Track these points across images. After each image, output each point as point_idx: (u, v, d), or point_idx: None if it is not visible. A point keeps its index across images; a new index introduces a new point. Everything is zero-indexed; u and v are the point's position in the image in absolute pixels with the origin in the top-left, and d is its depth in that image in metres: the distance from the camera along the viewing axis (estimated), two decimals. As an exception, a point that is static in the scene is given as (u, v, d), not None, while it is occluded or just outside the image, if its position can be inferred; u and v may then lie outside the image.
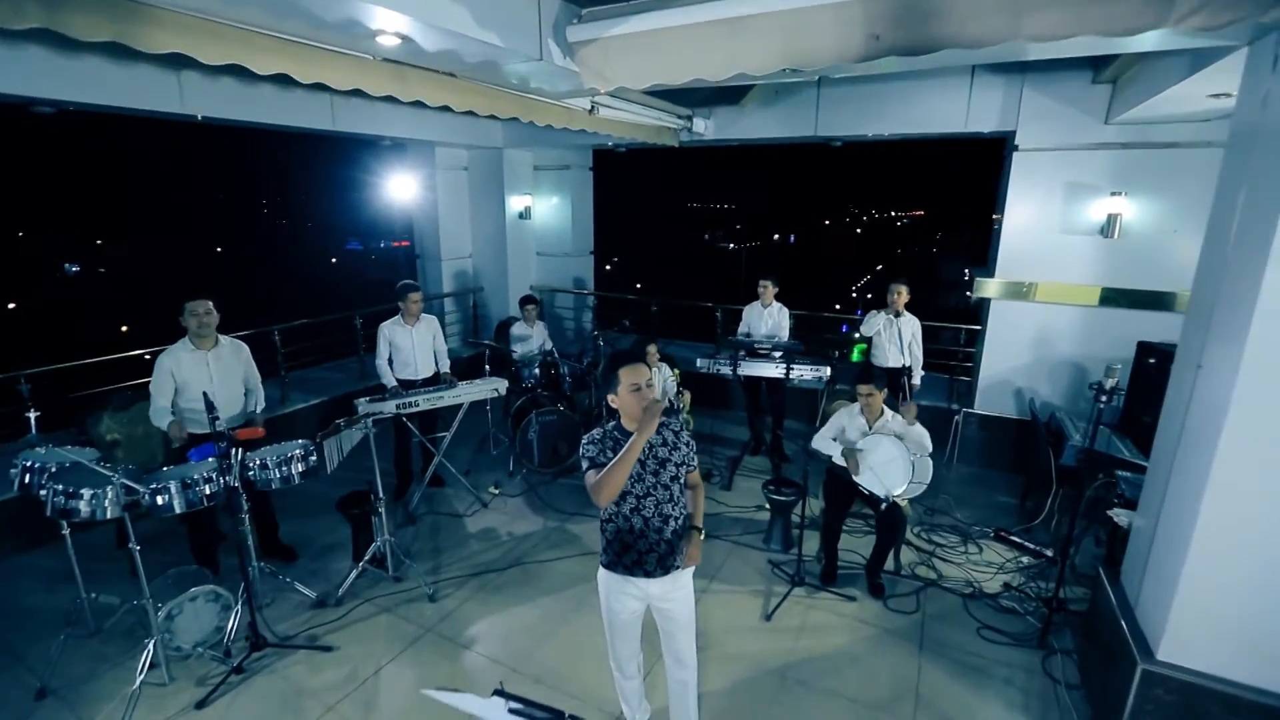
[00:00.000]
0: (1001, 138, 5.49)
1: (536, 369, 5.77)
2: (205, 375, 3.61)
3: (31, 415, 3.32)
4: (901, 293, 5.17)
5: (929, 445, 3.69)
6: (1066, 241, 5.14)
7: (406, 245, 8.82)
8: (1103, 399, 3.18)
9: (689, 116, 6.12)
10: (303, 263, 43.07)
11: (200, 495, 3.03)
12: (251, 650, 3.20)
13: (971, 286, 5.68)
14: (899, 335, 5.15)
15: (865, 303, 39.34)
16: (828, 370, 5.02)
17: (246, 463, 3.33)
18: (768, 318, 5.68)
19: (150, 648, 2.99)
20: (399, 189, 7.77)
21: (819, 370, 5.01)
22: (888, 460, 3.58)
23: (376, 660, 3.26)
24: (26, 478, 3.03)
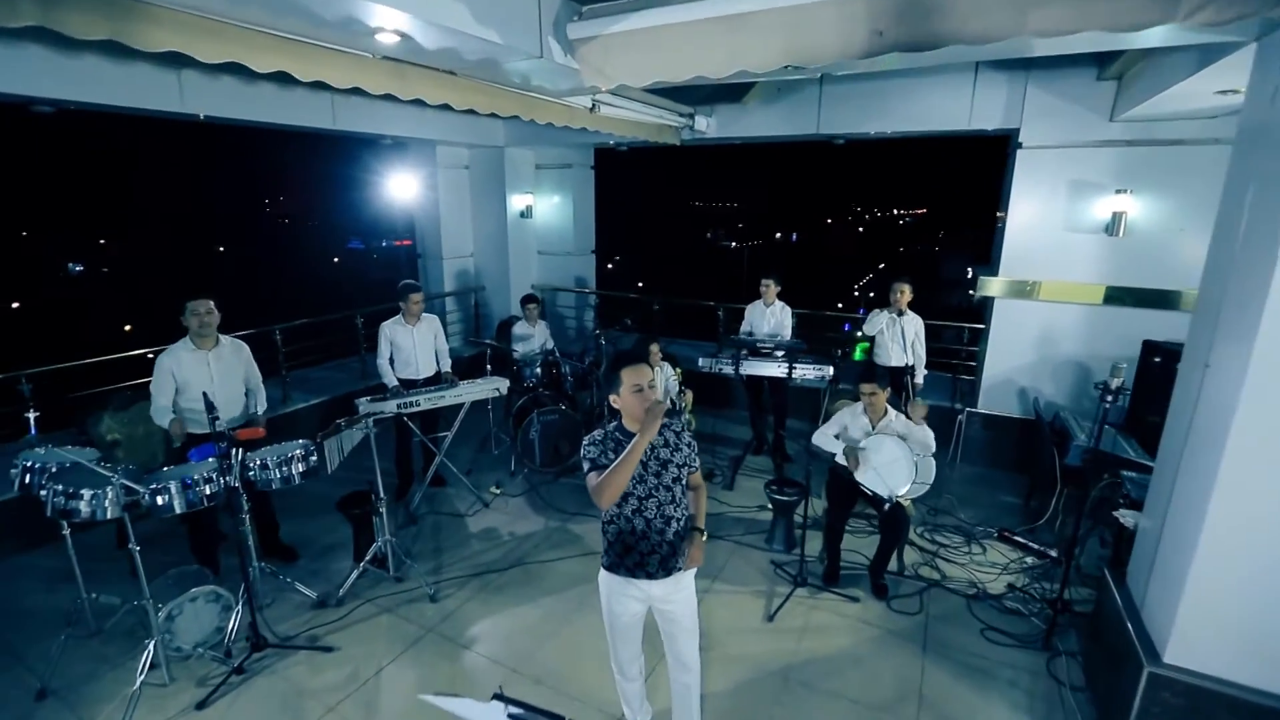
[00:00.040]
0: (1005, 135, 5.46)
1: (538, 368, 5.75)
2: (206, 375, 3.61)
3: (31, 415, 3.31)
4: (904, 292, 5.15)
5: (933, 445, 3.67)
6: (1071, 240, 5.10)
7: (408, 244, 8.81)
8: (1108, 399, 3.16)
9: (691, 114, 6.09)
10: (305, 262, 43.15)
11: (200, 495, 3.02)
12: (252, 651, 3.19)
13: (974, 285, 5.65)
14: (902, 334, 5.13)
15: (868, 301, 39.27)
16: (830, 369, 5.00)
17: (247, 463, 3.32)
18: (770, 317, 5.66)
19: (150, 648, 2.98)
20: (400, 188, 7.76)
21: (822, 369, 4.99)
22: (891, 460, 3.56)
23: (377, 661, 3.25)
24: (27, 478, 3.02)
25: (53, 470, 3.00)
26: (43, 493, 2.85)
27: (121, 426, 4.44)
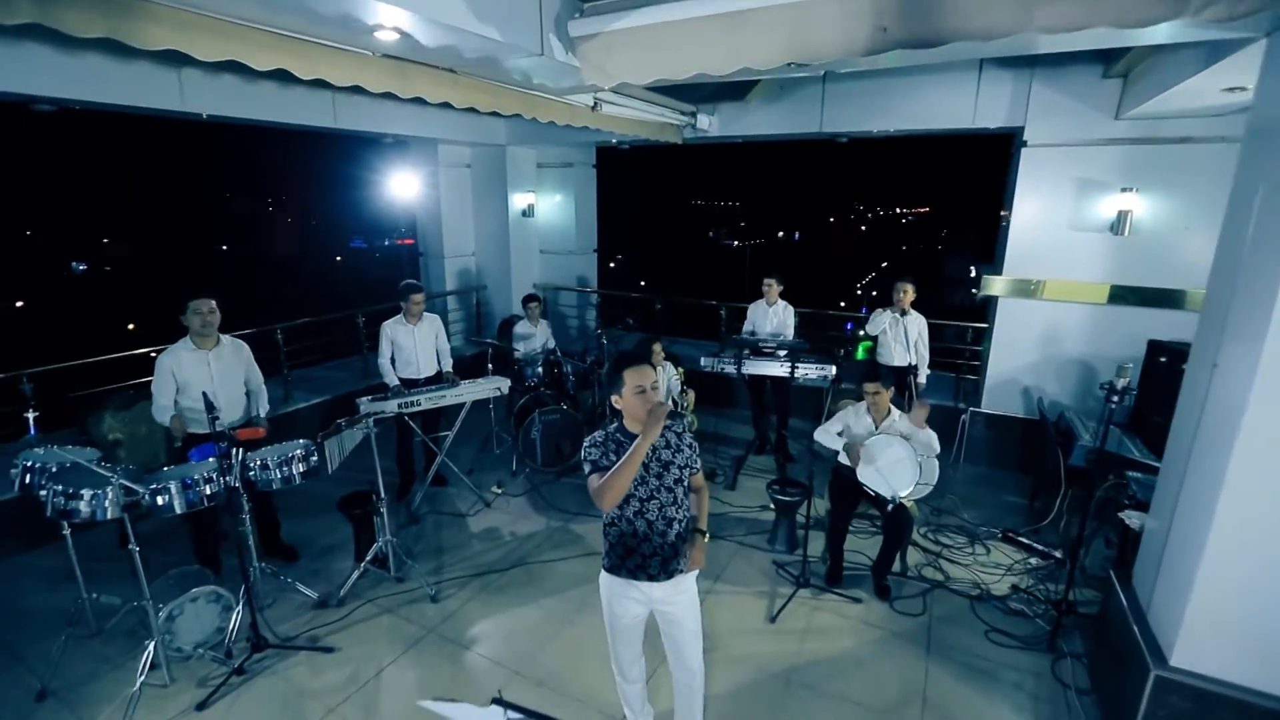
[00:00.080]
0: (1009, 133, 5.42)
1: (539, 367, 5.74)
2: (206, 375, 3.60)
3: (30, 415, 3.30)
4: (907, 291, 5.12)
5: (937, 447, 3.64)
6: (1075, 238, 5.07)
7: (410, 243, 8.81)
8: (1114, 399, 3.13)
9: (693, 113, 6.07)
10: (307, 261, 43.18)
11: (200, 495, 3.01)
12: (253, 651, 3.18)
13: (978, 284, 5.62)
14: (905, 334, 5.11)
15: (870, 300, 39.18)
16: (833, 369, 4.97)
17: (247, 463, 3.31)
18: (772, 316, 5.64)
19: (151, 649, 2.97)
20: (402, 187, 7.75)
21: (824, 369, 4.96)
22: (895, 461, 3.53)
23: (378, 662, 3.24)
24: (27, 478, 3.02)
25: (53, 470, 2.99)
26: (42, 493, 2.84)
27: (123, 426, 4.44)
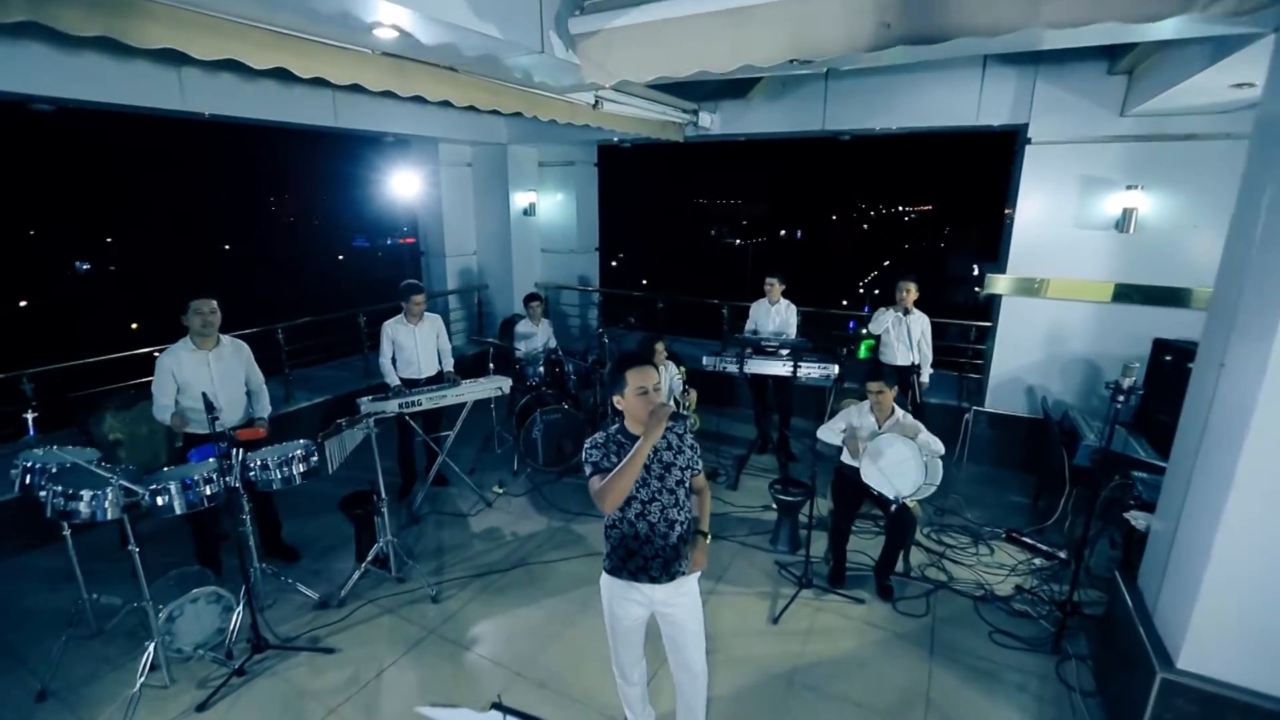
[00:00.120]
0: (1013, 131, 5.38)
1: (541, 367, 5.72)
2: (206, 375, 3.59)
3: (29, 416, 3.29)
4: (910, 290, 5.09)
5: (940, 448, 3.62)
6: (1080, 236, 5.03)
7: (412, 242, 8.79)
8: (1120, 398, 3.10)
9: (694, 111, 6.04)
10: (309, 260, 43.20)
11: (200, 496, 3.00)
12: (253, 652, 3.17)
13: (981, 282, 5.58)
14: (908, 333, 5.08)
15: (873, 299, 39.10)
16: (836, 368, 4.94)
17: (247, 463, 3.30)
18: (775, 315, 5.61)
19: (151, 650, 2.97)
20: (403, 186, 7.74)
21: (827, 368, 4.94)
22: (899, 460, 3.51)
23: (379, 663, 3.23)
24: (27, 478, 3.01)
25: (52, 471, 2.98)
26: (42, 493, 2.84)
27: (124, 426, 4.44)
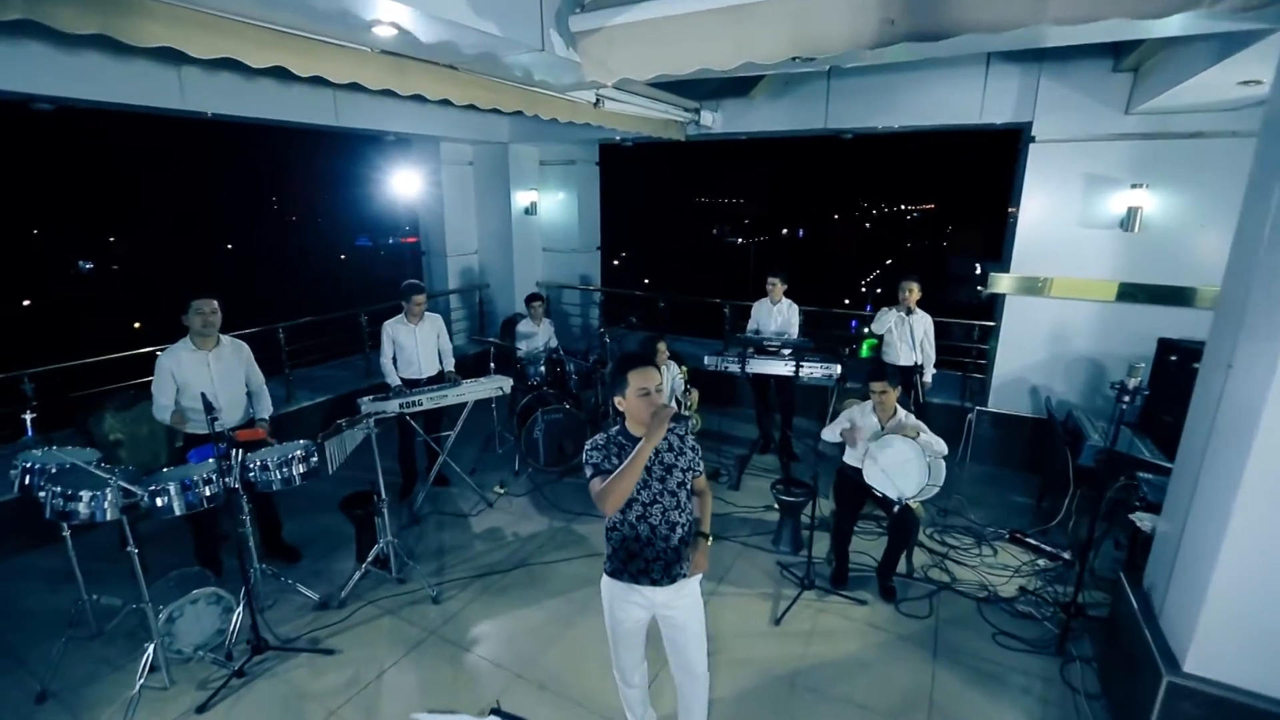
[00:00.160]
0: (1017, 129, 5.35)
1: (542, 366, 5.71)
2: (205, 376, 3.57)
3: (27, 417, 3.28)
4: (913, 290, 5.07)
5: (943, 449, 3.59)
6: (1084, 235, 5.00)
7: (414, 241, 8.78)
8: (1125, 399, 3.07)
9: (696, 109, 6.01)
10: (312, 259, 43.24)
11: (200, 497, 2.98)
12: (253, 653, 3.16)
13: (983, 281, 5.55)
14: (910, 333, 5.05)
15: (875, 298, 39.01)
16: (838, 368, 4.91)
17: (247, 464, 3.29)
18: (777, 315, 5.59)
19: (150, 651, 2.96)
20: (404, 185, 7.72)
21: (829, 368, 4.91)
22: (902, 461, 3.48)
23: (379, 664, 3.21)
24: (26, 479, 2.99)
25: (51, 471, 2.96)
26: (41, 494, 2.82)
27: (124, 426, 4.43)
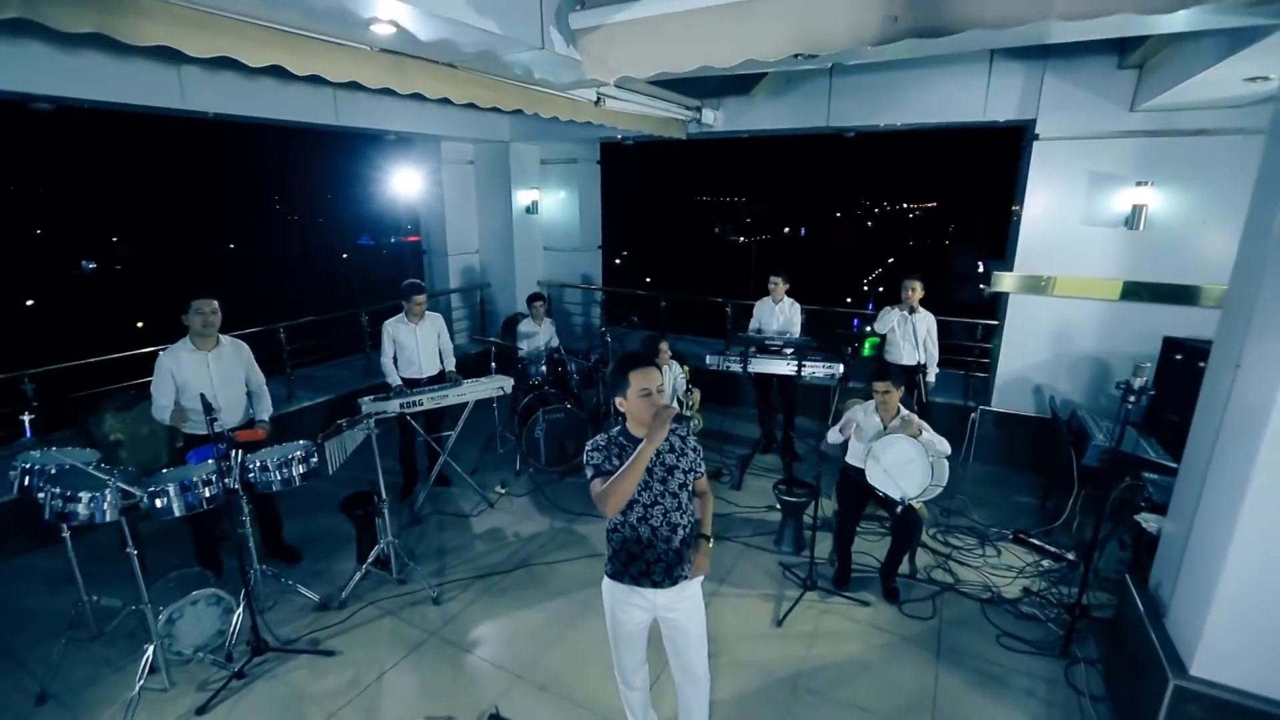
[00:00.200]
0: (1020, 126, 5.31)
1: (543, 366, 5.69)
2: (205, 376, 3.56)
3: (26, 418, 3.27)
4: (915, 288, 5.04)
5: (946, 449, 3.57)
6: (1088, 233, 4.97)
7: (416, 241, 8.76)
8: (1130, 399, 3.04)
9: (698, 108, 5.99)
10: (314, 259, 43.27)
11: (199, 498, 2.98)
12: (253, 654, 3.15)
13: (986, 279, 5.52)
14: (913, 332, 5.02)
15: (877, 297, 38.94)
16: (840, 367, 4.88)
17: (247, 464, 3.27)
18: (779, 314, 5.56)
19: (150, 652, 2.95)
20: (405, 184, 7.70)
21: (832, 367, 4.88)
22: (905, 461, 3.46)
23: (379, 665, 3.20)
24: (25, 480, 2.98)
25: (51, 473, 2.95)
26: (41, 495, 2.82)
27: (124, 426, 4.42)
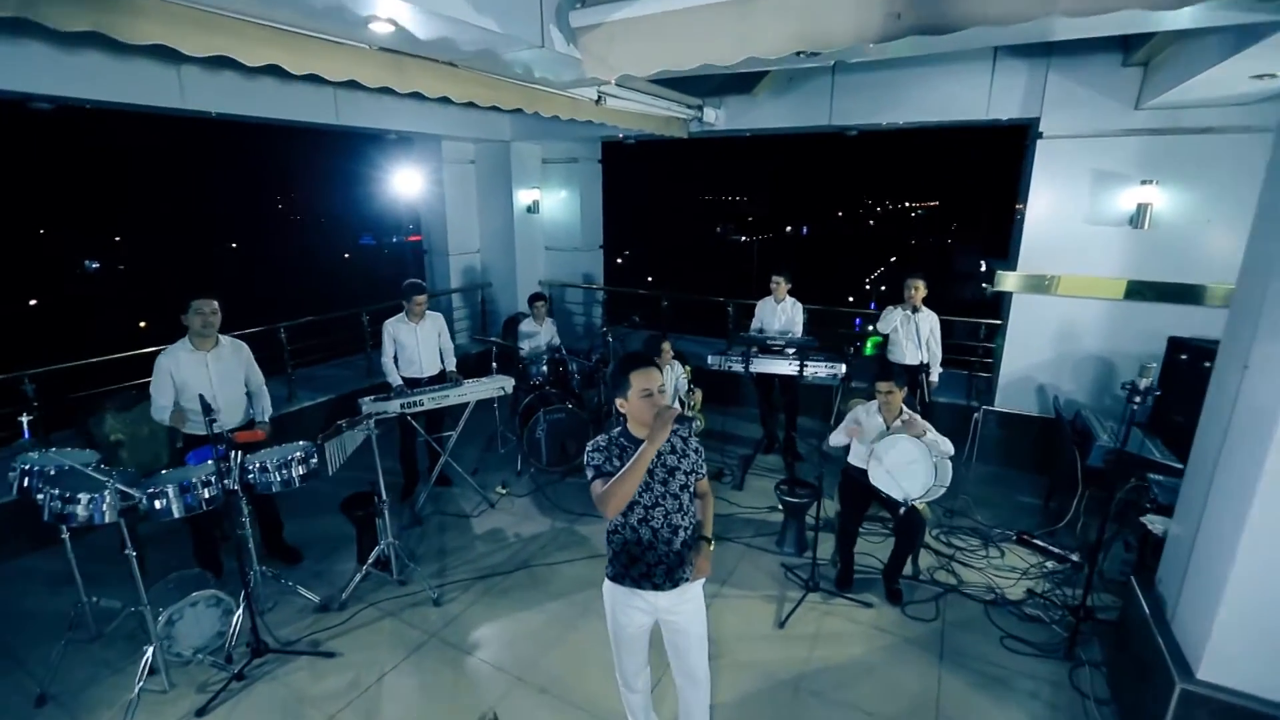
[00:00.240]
0: (1024, 125, 5.28)
1: (544, 366, 5.67)
2: (204, 376, 3.55)
3: (24, 419, 3.25)
4: (918, 288, 5.01)
5: (949, 449, 3.54)
6: (1092, 232, 4.93)
7: (417, 240, 8.75)
8: (1136, 399, 3.01)
9: (699, 106, 5.96)
10: (316, 258, 43.32)
11: (199, 499, 2.97)
12: (253, 656, 3.14)
13: (989, 278, 5.49)
14: (916, 331, 5.00)
15: (880, 296, 38.85)
16: (843, 367, 4.86)
17: (246, 465, 3.26)
18: (781, 313, 5.54)
19: (150, 654, 2.94)
20: (406, 184, 7.68)
21: (834, 367, 4.85)
22: (908, 462, 3.43)
23: (379, 667, 3.19)
24: (24, 481, 2.98)
25: (50, 474, 2.95)
26: (40, 496, 2.81)
27: (125, 426, 4.41)
